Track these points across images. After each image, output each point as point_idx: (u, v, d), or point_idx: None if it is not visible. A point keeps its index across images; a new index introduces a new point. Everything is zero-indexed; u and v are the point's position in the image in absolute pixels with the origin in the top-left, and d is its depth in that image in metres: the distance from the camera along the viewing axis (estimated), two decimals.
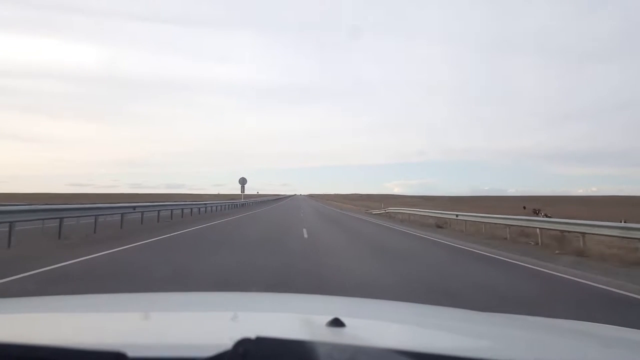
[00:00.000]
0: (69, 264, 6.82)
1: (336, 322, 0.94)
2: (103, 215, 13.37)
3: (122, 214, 14.08)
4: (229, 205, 33.87)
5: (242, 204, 38.01)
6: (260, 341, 0.67)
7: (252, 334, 0.68)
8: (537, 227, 11.61)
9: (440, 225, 18.60)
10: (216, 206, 29.35)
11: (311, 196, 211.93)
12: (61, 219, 10.78)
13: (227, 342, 0.68)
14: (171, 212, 19.65)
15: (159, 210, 17.74)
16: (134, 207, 15.65)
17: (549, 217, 17.48)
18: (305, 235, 12.60)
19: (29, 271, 6.07)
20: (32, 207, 10.43)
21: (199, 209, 24.98)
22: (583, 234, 9.92)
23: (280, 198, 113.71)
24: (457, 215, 17.42)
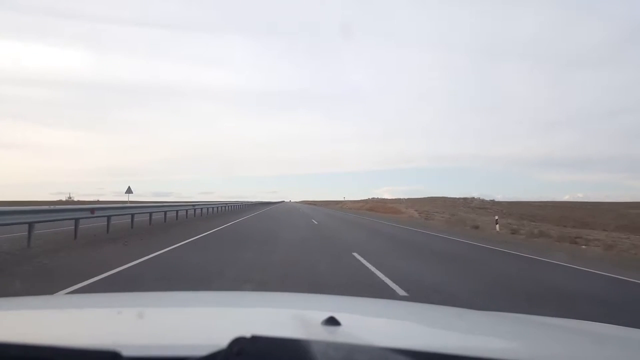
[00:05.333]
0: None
1: (332, 321, 0.94)
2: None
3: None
4: None
5: None
6: (256, 340, 0.66)
7: (247, 333, 0.68)
8: None
9: None
10: None
11: (306, 203, 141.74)
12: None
13: (222, 341, 0.68)
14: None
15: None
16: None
17: None
18: None
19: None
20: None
21: None
22: None
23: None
24: None
